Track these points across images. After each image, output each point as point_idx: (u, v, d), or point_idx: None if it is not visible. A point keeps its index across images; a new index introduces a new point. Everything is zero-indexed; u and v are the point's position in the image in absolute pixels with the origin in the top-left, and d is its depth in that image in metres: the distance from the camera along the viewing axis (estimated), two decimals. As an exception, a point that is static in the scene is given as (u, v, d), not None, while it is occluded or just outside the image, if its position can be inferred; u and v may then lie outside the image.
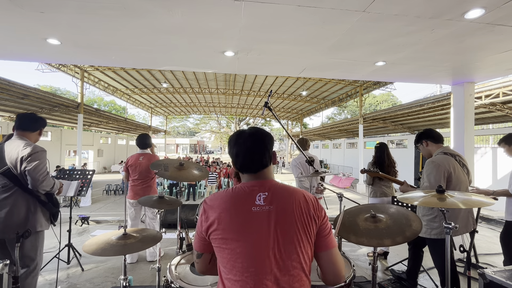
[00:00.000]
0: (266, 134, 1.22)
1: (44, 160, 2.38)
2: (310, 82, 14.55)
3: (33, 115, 2.54)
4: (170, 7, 2.59)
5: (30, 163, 2.27)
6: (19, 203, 2.30)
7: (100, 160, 23.01)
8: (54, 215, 2.54)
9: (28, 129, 2.45)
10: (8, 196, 2.28)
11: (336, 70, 4.60)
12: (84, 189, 3.87)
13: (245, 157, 1.17)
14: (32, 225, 2.34)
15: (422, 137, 2.90)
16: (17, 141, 2.35)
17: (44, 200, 2.44)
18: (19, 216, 2.29)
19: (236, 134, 1.23)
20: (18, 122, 2.44)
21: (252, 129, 1.22)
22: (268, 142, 1.20)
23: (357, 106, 16.02)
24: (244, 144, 1.18)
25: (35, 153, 2.31)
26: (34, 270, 2.39)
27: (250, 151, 1.17)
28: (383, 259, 4.24)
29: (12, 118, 13.76)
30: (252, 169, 1.17)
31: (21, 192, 2.32)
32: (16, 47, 3.72)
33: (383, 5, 2.47)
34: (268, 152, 1.20)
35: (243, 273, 1.03)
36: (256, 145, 1.18)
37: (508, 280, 1.53)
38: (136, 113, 43.22)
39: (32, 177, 2.28)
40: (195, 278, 1.90)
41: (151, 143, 4.24)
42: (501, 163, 8.92)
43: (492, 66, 4.13)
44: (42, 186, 2.33)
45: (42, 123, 2.56)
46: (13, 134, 2.43)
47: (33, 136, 2.49)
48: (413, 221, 1.75)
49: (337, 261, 1.13)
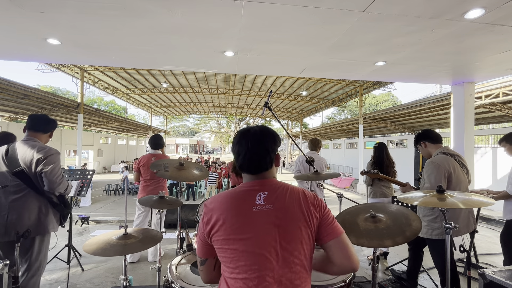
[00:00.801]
0: (270, 137, 1.20)
1: (59, 163, 2.39)
2: (310, 82, 14.54)
3: (45, 116, 2.53)
4: (170, 7, 2.59)
5: (47, 165, 2.27)
6: (30, 205, 2.29)
7: (100, 160, 23.02)
8: (64, 216, 2.54)
9: (40, 131, 2.45)
10: (20, 197, 2.26)
11: (336, 70, 4.61)
12: (84, 189, 3.87)
13: (244, 158, 1.17)
14: (44, 227, 2.33)
15: (420, 138, 2.89)
16: (30, 142, 2.34)
17: (56, 201, 2.43)
18: (31, 218, 2.27)
19: (240, 133, 1.22)
20: (30, 122, 2.42)
21: (257, 130, 1.20)
22: (270, 145, 1.18)
23: (357, 106, 16.03)
24: (245, 145, 1.17)
25: (51, 155, 2.32)
26: (38, 270, 2.40)
27: (250, 152, 1.16)
28: (383, 259, 4.24)
29: (12, 118, 13.76)
30: (251, 171, 1.18)
31: (33, 193, 2.30)
32: (16, 47, 3.72)
33: (383, 5, 2.47)
34: (270, 156, 1.18)
35: (246, 271, 1.05)
36: (257, 148, 1.16)
37: (508, 280, 1.53)
38: (136, 113, 43.25)
39: (49, 180, 2.28)
40: (195, 278, 1.90)
41: (163, 144, 4.31)
42: (501, 163, 8.92)
43: (492, 66, 4.13)
44: (59, 188, 2.35)
45: (53, 125, 2.56)
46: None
47: (44, 137, 2.49)
48: (413, 220, 1.75)
49: (348, 245, 1.11)
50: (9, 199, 2.23)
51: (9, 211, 2.22)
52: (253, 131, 1.20)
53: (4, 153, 2.30)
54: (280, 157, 1.28)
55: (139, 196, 4.07)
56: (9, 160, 2.27)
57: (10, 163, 2.26)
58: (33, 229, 2.24)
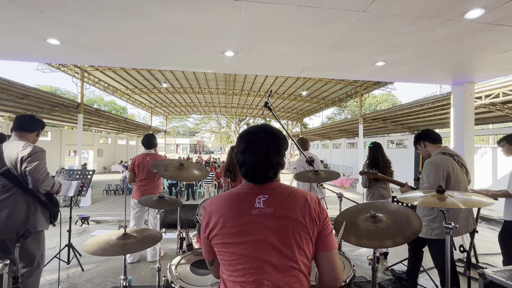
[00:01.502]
0: (276, 147, 1.13)
1: (44, 160, 2.39)
2: (310, 82, 14.54)
3: (31, 116, 2.56)
4: (170, 7, 2.59)
5: (30, 163, 2.28)
6: (19, 204, 2.31)
7: (100, 160, 23.01)
8: (54, 215, 2.55)
9: (26, 130, 2.47)
10: (8, 196, 2.28)
11: (336, 70, 4.60)
12: (84, 189, 3.87)
13: (248, 171, 1.12)
14: (32, 225, 2.35)
15: (419, 138, 2.89)
16: (16, 141, 2.36)
17: (44, 200, 2.45)
18: (19, 216, 2.30)
19: (246, 141, 1.13)
20: (16, 122, 2.46)
21: (263, 138, 1.12)
22: (277, 159, 1.12)
23: (357, 106, 16.02)
24: (251, 157, 1.11)
25: (35, 153, 2.32)
26: (37, 269, 2.40)
27: (256, 167, 1.11)
28: (383, 259, 4.23)
29: (12, 118, 13.76)
30: (255, 182, 1.14)
31: (21, 192, 2.32)
32: (16, 47, 3.72)
33: (383, 5, 2.47)
34: (275, 169, 1.13)
35: (244, 274, 1.04)
36: (263, 162, 1.11)
37: (508, 280, 1.53)
38: (136, 113, 43.24)
39: (33, 177, 2.29)
40: (195, 278, 1.90)
41: (157, 143, 4.30)
42: (501, 163, 8.92)
43: (492, 66, 4.13)
44: (43, 186, 2.35)
45: (40, 125, 2.58)
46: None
47: (31, 137, 2.51)
48: (413, 220, 1.75)
49: (335, 263, 1.13)
50: None
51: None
52: (258, 140, 1.11)
53: None
54: (284, 162, 1.24)
55: (133, 196, 4.06)
56: None
57: None
58: (22, 228, 2.24)
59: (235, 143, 1.25)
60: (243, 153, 1.12)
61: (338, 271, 1.13)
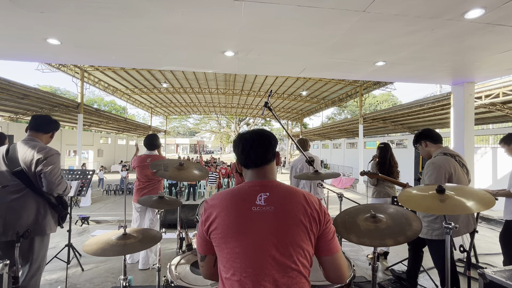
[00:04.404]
0: (270, 133, 1.28)
1: (59, 164, 2.38)
2: (310, 82, 14.53)
3: (47, 117, 2.54)
4: (170, 7, 2.59)
5: (46, 166, 2.26)
6: (29, 205, 2.28)
7: (100, 160, 22.99)
8: (63, 217, 2.53)
9: (42, 131, 2.45)
10: (19, 197, 2.25)
11: (336, 70, 4.61)
12: (84, 189, 3.87)
13: (250, 152, 1.19)
14: (42, 228, 2.32)
15: (421, 137, 2.83)
16: (31, 142, 2.35)
17: (54, 202, 2.42)
18: (29, 218, 2.27)
19: (241, 133, 1.27)
20: (32, 122, 2.43)
21: (256, 130, 1.28)
22: (273, 139, 1.24)
23: (357, 106, 16.03)
24: (249, 139, 1.21)
25: (51, 155, 2.31)
26: (39, 270, 2.40)
27: (255, 144, 1.20)
28: (383, 259, 4.24)
29: (12, 118, 13.75)
30: (257, 163, 1.19)
31: (32, 194, 2.30)
32: (16, 47, 3.72)
33: (383, 5, 2.47)
34: (273, 148, 1.23)
35: (242, 273, 1.04)
36: (260, 140, 1.21)
37: (508, 280, 1.53)
38: (136, 113, 43.21)
39: (48, 180, 2.27)
40: (195, 278, 1.90)
41: (159, 144, 4.12)
42: (501, 163, 8.92)
43: (492, 66, 4.13)
44: (57, 189, 2.33)
45: (55, 126, 2.56)
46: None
47: (45, 138, 2.49)
48: (413, 220, 1.75)
49: (340, 265, 1.14)
50: (8, 199, 2.22)
51: (8, 211, 2.21)
52: (252, 131, 1.26)
53: (5, 153, 2.30)
54: (280, 156, 1.30)
55: (134, 199, 3.94)
56: (9, 159, 2.27)
57: (10, 162, 2.26)
58: (31, 229, 2.22)
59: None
60: (241, 139, 1.24)
61: (344, 270, 1.16)
